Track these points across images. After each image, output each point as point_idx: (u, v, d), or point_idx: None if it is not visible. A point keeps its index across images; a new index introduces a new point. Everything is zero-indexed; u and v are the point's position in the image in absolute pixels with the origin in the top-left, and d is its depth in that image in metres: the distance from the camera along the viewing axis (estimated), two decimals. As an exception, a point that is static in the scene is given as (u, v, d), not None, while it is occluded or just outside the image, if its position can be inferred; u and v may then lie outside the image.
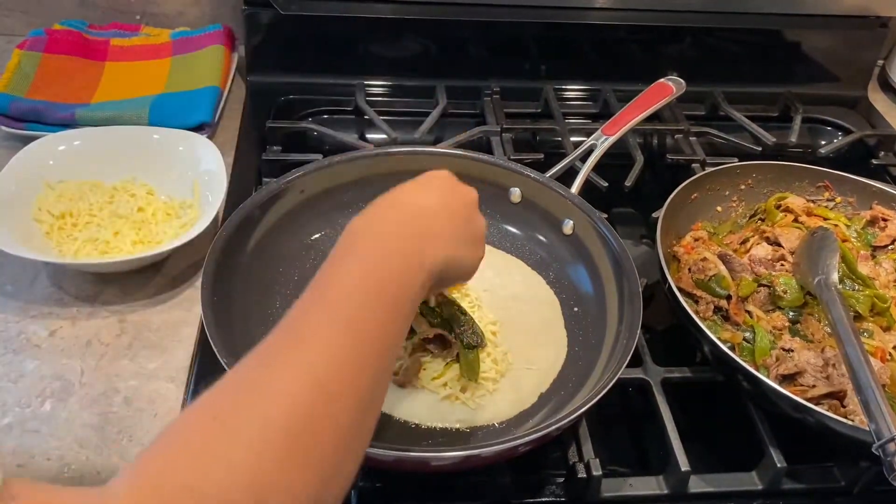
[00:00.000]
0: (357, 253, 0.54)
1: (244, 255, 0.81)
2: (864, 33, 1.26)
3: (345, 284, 0.51)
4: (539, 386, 0.78)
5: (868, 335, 0.80)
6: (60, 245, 0.86)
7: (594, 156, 0.93)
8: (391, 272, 0.54)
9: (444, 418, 0.74)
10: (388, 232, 0.57)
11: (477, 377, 0.75)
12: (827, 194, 0.98)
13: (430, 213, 0.60)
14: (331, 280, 0.52)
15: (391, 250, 0.55)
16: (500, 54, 1.21)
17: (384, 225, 0.57)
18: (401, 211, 0.59)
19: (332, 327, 0.48)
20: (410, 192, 0.61)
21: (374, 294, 0.51)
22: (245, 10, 1.13)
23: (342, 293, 0.51)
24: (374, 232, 0.56)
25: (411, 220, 0.58)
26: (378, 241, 0.55)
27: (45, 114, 1.01)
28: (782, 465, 0.71)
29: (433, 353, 0.77)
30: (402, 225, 0.58)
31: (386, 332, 0.51)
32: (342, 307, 0.50)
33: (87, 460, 0.70)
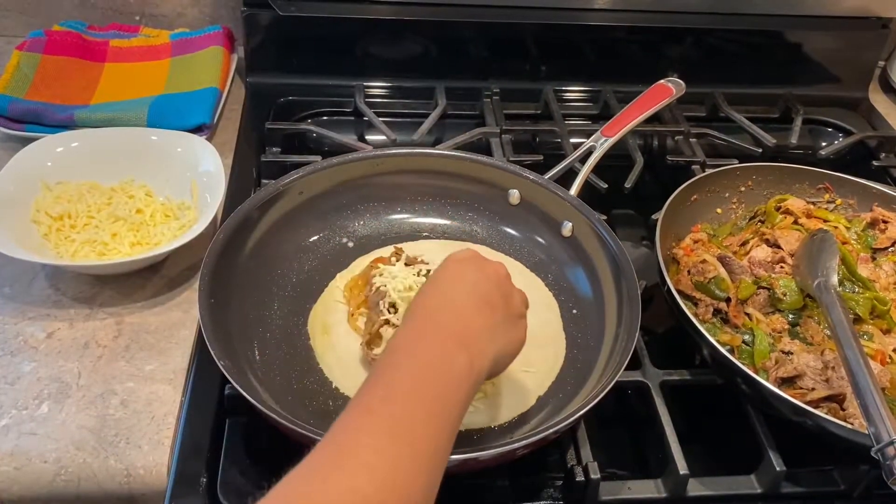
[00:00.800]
0: (402, 370, 0.53)
1: (242, 256, 0.81)
2: (864, 34, 1.26)
3: (393, 401, 0.50)
4: (537, 388, 0.77)
5: (868, 338, 0.79)
6: (58, 247, 0.85)
7: (593, 157, 0.92)
8: (439, 388, 0.52)
9: None
10: (430, 345, 0.55)
11: None
12: (827, 196, 0.98)
13: (469, 312, 0.58)
14: (376, 392, 0.51)
15: (437, 369, 0.53)
16: (500, 55, 1.21)
17: (424, 339, 0.56)
18: (438, 317, 0.58)
19: (379, 449, 0.47)
20: (445, 294, 0.60)
21: (423, 403, 0.50)
22: (244, 11, 1.13)
23: (391, 411, 0.49)
24: (417, 351, 0.55)
25: (451, 324, 0.57)
26: (423, 359, 0.54)
27: (44, 115, 1.01)
28: (781, 468, 0.71)
29: None
30: (444, 337, 0.56)
31: (437, 444, 0.50)
32: (392, 424, 0.49)
33: (84, 463, 0.70)
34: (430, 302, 0.60)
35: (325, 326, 0.82)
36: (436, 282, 0.62)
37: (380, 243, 0.90)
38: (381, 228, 0.92)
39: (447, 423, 0.52)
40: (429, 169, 0.93)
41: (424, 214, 0.94)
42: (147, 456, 0.70)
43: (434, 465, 0.49)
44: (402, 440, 0.48)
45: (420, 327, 0.57)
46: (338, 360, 0.79)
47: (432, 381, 0.52)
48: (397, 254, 0.84)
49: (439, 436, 0.50)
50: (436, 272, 0.63)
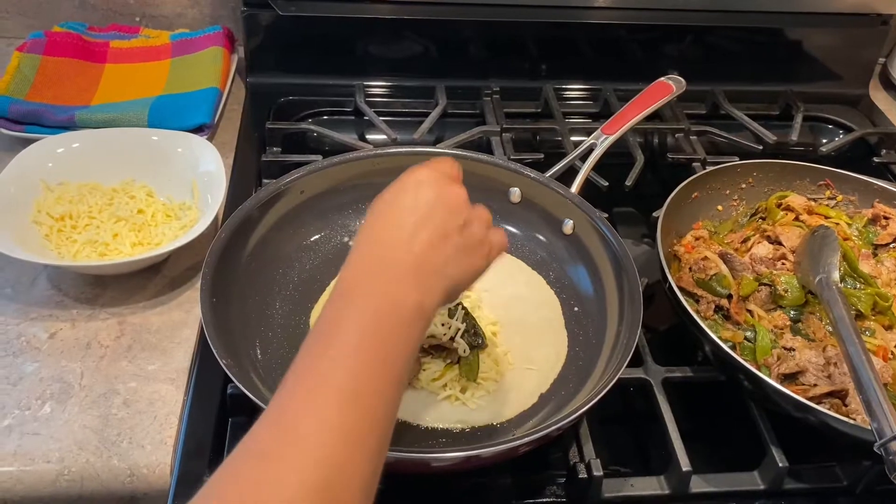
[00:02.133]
0: (348, 322, 0.50)
1: (244, 256, 0.81)
2: (865, 31, 1.26)
3: (340, 353, 0.48)
4: (539, 386, 0.78)
5: (870, 334, 0.79)
6: (60, 247, 0.86)
7: (594, 155, 0.92)
8: (389, 339, 0.50)
9: (444, 419, 0.74)
10: (379, 286, 0.52)
11: (476, 378, 0.75)
12: (828, 193, 0.98)
13: (422, 245, 0.54)
14: (324, 351, 0.48)
15: (387, 317, 0.50)
16: (500, 54, 1.21)
17: (374, 278, 0.52)
18: (388, 251, 0.54)
19: (326, 408, 0.45)
20: (397, 223, 0.55)
21: (371, 360, 0.48)
22: (244, 11, 1.13)
23: (336, 363, 0.47)
24: (364, 296, 0.51)
25: (402, 260, 0.53)
26: (372, 306, 0.50)
27: (45, 116, 1.01)
28: (784, 464, 0.71)
29: (433, 355, 0.77)
30: (393, 276, 0.52)
31: (386, 399, 0.48)
32: (337, 379, 0.46)
33: (87, 462, 0.70)
34: (380, 233, 0.55)
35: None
36: (389, 204, 0.56)
37: (381, 242, 0.90)
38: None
39: (395, 376, 0.49)
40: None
41: (425, 213, 0.94)
42: (150, 455, 0.70)
43: (384, 425, 0.47)
44: (350, 408, 0.45)
45: (368, 265, 0.53)
46: None
47: (382, 333, 0.49)
48: None
49: (387, 391, 0.48)
50: (391, 189, 0.57)
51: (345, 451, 0.44)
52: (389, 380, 0.48)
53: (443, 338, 0.76)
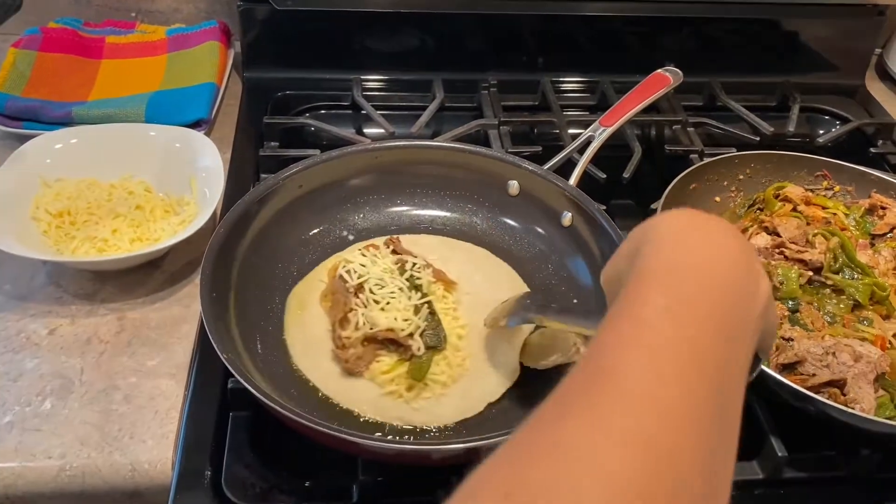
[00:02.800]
0: (687, 274, 0.41)
1: (242, 251, 0.81)
2: (861, 22, 1.26)
3: (679, 314, 0.39)
4: (489, 395, 0.76)
5: (868, 323, 0.80)
6: (58, 243, 0.85)
7: (592, 147, 0.93)
8: (737, 309, 0.41)
9: (384, 413, 0.73)
10: (724, 259, 0.43)
11: (422, 379, 0.74)
12: (825, 183, 0.98)
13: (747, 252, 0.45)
14: (658, 311, 0.39)
15: (735, 284, 0.42)
16: (497, 47, 1.21)
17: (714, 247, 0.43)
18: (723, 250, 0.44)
19: (664, 378, 0.36)
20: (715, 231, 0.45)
21: (717, 333, 0.39)
22: (240, 5, 1.13)
23: (678, 329, 0.38)
24: (702, 254, 0.43)
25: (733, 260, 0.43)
26: (715, 268, 0.42)
27: (42, 112, 1.01)
28: (783, 453, 0.71)
29: (389, 349, 0.76)
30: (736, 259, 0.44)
31: (734, 383, 0.39)
32: (677, 344, 0.37)
33: (89, 458, 0.70)
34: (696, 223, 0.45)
35: (302, 302, 0.82)
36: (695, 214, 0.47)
37: (380, 236, 0.90)
38: (381, 221, 0.92)
39: (743, 356, 0.40)
40: (427, 161, 0.93)
41: (424, 206, 0.94)
42: (151, 451, 0.71)
43: (733, 409, 0.39)
44: (693, 368, 0.36)
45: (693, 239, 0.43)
46: (303, 336, 0.79)
47: (729, 297, 0.41)
48: (389, 243, 0.84)
49: (736, 368, 0.40)
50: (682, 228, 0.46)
51: (687, 415, 0.35)
52: (737, 356, 0.40)
53: (400, 333, 0.75)
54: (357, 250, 0.83)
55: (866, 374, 0.73)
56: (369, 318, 0.75)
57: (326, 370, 0.76)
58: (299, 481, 0.70)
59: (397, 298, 0.77)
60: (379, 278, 0.78)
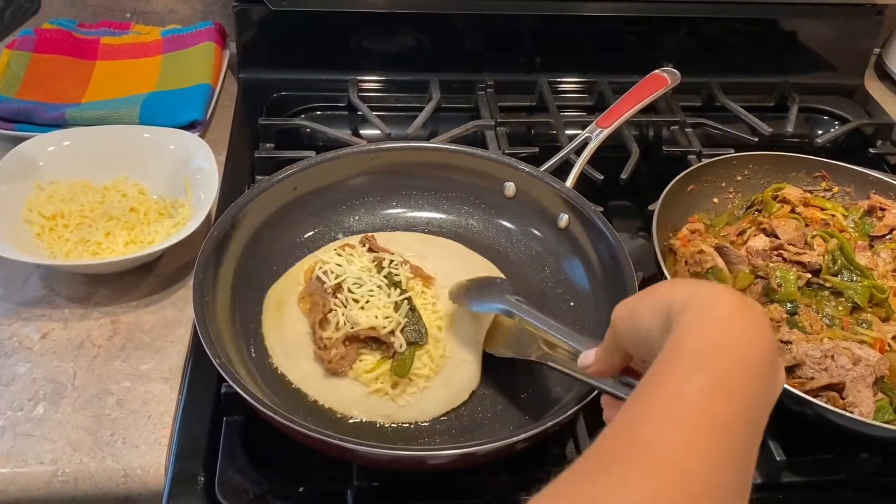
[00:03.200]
0: (725, 357, 0.44)
1: (236, 253, 0.80)
2: (860, 21, 1.25)
3: (716, 394, 0.42)
4: (471, 382, 0.76)
5: (866, 326, 0.79)
6: (52, 246, 0.85)
7: (589, 149, 0.92)
8: (761, 389, 0.44)
9: (370, 412, 0.73)
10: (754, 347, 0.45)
11: (406, 375, 0.74)
12: (824, 184, 0.98)
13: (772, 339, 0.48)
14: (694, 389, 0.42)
15: (760, 368, 0.45)
16: (494, 47, 1.20)
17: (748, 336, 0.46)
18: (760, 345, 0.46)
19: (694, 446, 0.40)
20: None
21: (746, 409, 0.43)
22: (235, 6, 1.12)
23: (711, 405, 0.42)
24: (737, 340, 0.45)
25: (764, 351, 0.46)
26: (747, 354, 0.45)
27: (36, 114, 1.01)
28: (781, 457, 0.71)
29: (371, 347, 0.76)
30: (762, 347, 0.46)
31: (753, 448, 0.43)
32: (711, 419, 0.41)
33: (81, 463, 0.69)
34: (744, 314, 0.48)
35: (280, 304, 0.81)
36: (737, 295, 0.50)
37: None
38: (376, 223, 0.92)
39: (759, 434, 0.44)
40: (423, 163, 0.92)
41: (419, 208, 0.93)
42: (144, 456, 0.70)
43: (746, 476, 0.42)
44: (721, 439, 0.40)
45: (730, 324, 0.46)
46: (283, 338, 0.78)
47: (758, 383, 0.44)
48: (365, 241, 0.83)
49: (754, 443, 0.43)
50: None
51: (709, 482, 0.39)
52: (758, 428, 0.44)
53: (382, 331, 0.74)
54: (332, 250, 0.82)
55: (865, 378, 0.72)
56: (350, 318, 0.75)
57: (309, 371, 0.75)
58: (293, 486, 0.69)
59: (377, 296, 0.76)
60: (357, 277, 0.77)
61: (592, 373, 0.59)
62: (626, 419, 0.43)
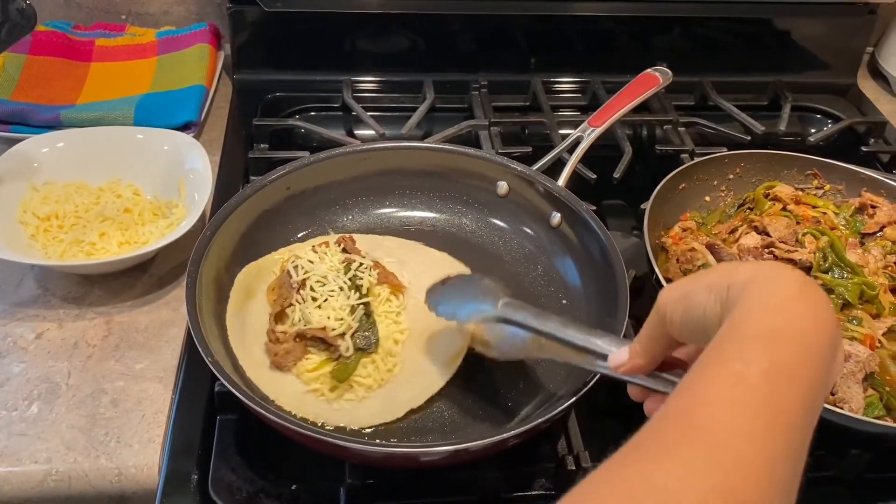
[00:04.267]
0: (787, 344, 0.43)
1: (230, 253, 0.81)
2: (852, 20, 1.26)
3: (776, 379, 0.41)
4: (411, 401, 0.74)
5: (857, 323, 0.80)
6: (46, 247, 0.85)
7: (581, 148, 0.92)
8: (821, 378, 0.44)
9: (303, 409, 0.72)
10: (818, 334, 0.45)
11: (344, 380, 0.73)
12: (816, 182, 0.98)
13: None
14: (758, 372, 0.41)
15: (823, 356, 0.44)
16: (488, 48, 1.21)
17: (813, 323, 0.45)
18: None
19: (753, 435, 0.39)
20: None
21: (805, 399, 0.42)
22: (230, 8, 1.12)
23: (774, 390, 0.41)
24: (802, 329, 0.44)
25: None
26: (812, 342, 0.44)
27: (30, 116, 1.01)
28: (772, 454, 0.71)
29: (319, 348, 0.75)
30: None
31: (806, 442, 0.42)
32: (772, 405, 0.41)
33: (75, 462, 0.70)
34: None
35: (251, 290, 0.80)
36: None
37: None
38: (369, 223, 0.92)
39: (815, 418, 0.44)
40: (417, 162, 0.93)
41: (413, 208, 0.94)
42: (138, 455, 0.70)
43: (800, 463, 0.41)
44: (779, 428, 0.40)
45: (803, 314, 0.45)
46: (242, 322, 0.77)
47: (820, 368, 0.44)
48: (341, 242, 0.83)
49: (809, 428, 0.43)
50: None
51: (769, 473, 0.38)
52: (813, 418, 0.43)
53: (330, 332, 0.74)
54: (310, 247, 0.82)
55: (855, 374, 0.73)
56: (304, 315, 0.74)
57: (257, 359, 0.75)
58: (286, 484, 0.69)
59: (335, 297, 0.76)
60: (322, 276, 0.77)
61: (627, 371, 0.57)
62: (686, 399, 0.42)
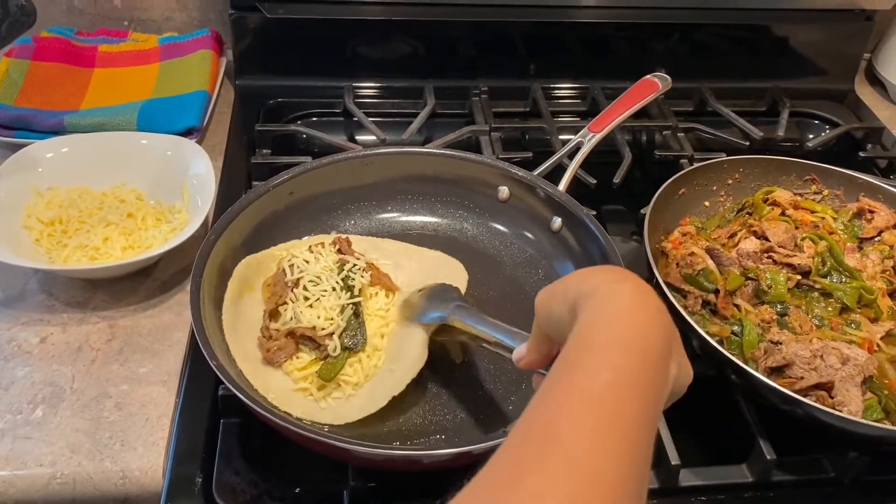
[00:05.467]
0: (622, 354, 0.45)
1: (233, 258, 0.81)
2: (850, 27, 1.27)
3: (614, 391, 0.43)
4: (393, 388, 0.73)
5: (855, 327, 0.80)
6: (50, 252, 0.86)
7: (581, 153, 0.93)
8: (657, 382, 0.46)
9: (290, 406, 0.72)
10: (650, 338, 0.47)
11: (331, 379, 0.74)
12: (814, 187, 0.99)
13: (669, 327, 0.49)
14: (599, 386, 0.43)
15: (655, 363, 0.46)
16: (489, 54, 1.21)
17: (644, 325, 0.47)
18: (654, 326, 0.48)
19: (604, 449, 0.41)
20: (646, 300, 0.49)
21: (641, 403, 0.44)
22: (232, 14, 1.13)
23: (613, 402, 0.43)
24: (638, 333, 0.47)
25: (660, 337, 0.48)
26: (646, 346, 0.46)
27: (34, 121, 1.02)
28: (772, 457, 0.72)
29: (310, 347, 0.76)
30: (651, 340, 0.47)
31: (649, 442, 0.44)
32: (611, 415, 0.42)
33: (80, 466, 0.70)
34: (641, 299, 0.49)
35: (249, 283, 0.81)
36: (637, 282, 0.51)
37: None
38: (371, 227, 0.93)
39: (657, 422, 0.46)
40: (418, 167, 0.93)
41: (414, 213, 0.94)
42: (142, 458, 0.71)
43: (647, 466, 0.43)
44: (628, 441, 0.42)
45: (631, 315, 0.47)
46: (237, 313, 0.78)
47: (659, 376, 0.46)
48: (336, 243, 0.83)
49: (653, 432, 0.45)
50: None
51: (605, 475, 0.40)
52: (654, 420, 0.45)
53: (319, 332, 0.75)
54: (306, 246, 0.83)
55: (854, 377, 0.73)
56: (296, 314, 0.76)
57: (250, 353, 0.76)
58: (290, 487, 0.70)
59: (327, 297, 0.77)
60: (316, 276, 0.78)
61: (525, 365, 0.60)
62: (541, 414, 0.44)
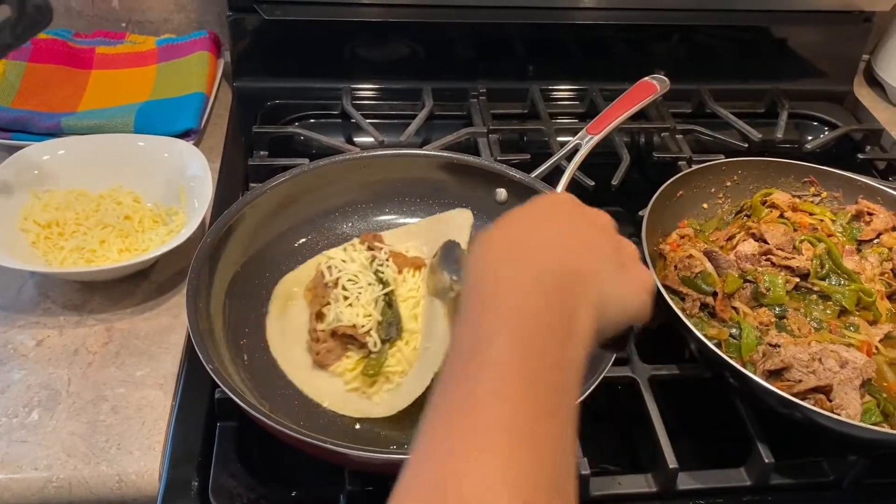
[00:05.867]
0: (494, 343, 0.44)
1: (230, 260, 0.81)
2: (848, 28, 1.26)
3: (505, 394, 0.42)
4: (433, 365, 0.72)
5: (854, 329, 0.80)
6: (47, 254, 0.85)
7: (579, 155, 0.93)
8: (540, 358, 0.44)
9: (345, 406, 0.74)
10: (525, 303, 0.45)
11: (377, 374, 0.75)
12: (813, 189, 0.98)
13: (566, 255, 0.48)
14: (488, 393, 0.42)
15: (533, 329, 0.44)
16: (487, 55, 1.21)
17: (516, 292, 0.46)
18: (531, 263, 0.47)
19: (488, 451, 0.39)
20: (535, 232, 0.49)
21: (522, 399, 0.42)
22: (230, 15, 1.13)
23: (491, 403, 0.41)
24: (507, 306, 0.45)
25: (547, 273, 0.47)
26: (515, 320, 0.44)
27: (31, 123, 1.01)
28: (770, 460, 0.71)
29: (356, 346, 0.77)
30: (538, 286, 0.46)
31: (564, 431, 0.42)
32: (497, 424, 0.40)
33: (76, 469, 0.70)
34: (519, 235, 0.49)
35: (290, 293, 0.83)
36: (526, 216, 0.51)
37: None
38: (369, 229, 0.92)
39: (576, 392, 0.44)
40: (416, 169, 0.93)
41: (412, 215, 0.94)
42: (138, 461, 0.71)
43: (564, 448, 0.42)
44: (528, 394, 0.41)
45: (509, 269, 0.47)
46: (282, 324, 0.80)
47: (543, 349, 0.44)
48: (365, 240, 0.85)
49: (565, 380, 0.44)
50: (525, 207, 0.51)
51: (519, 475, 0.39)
52: (553, 402, 0.43)
53: (360, 330, 0.76)
54: (343, 248, 0.85)
55: (852, 380, 0.73)
56: (337, 314, 0.77)
57: (298, 358, 0.78)
58: (286, 491, 0.70)
59: (364, 293, 0.78)
60: (353, 275, 0.79)
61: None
62: (458, 376, 0.44)
